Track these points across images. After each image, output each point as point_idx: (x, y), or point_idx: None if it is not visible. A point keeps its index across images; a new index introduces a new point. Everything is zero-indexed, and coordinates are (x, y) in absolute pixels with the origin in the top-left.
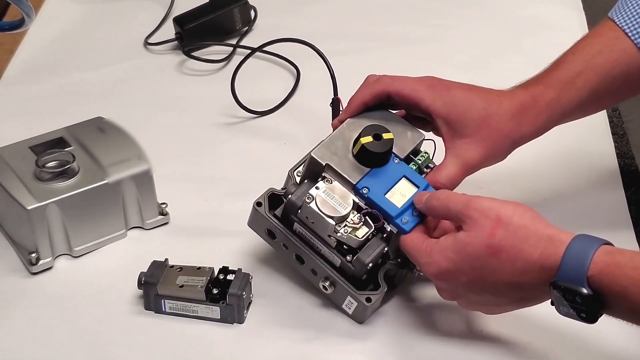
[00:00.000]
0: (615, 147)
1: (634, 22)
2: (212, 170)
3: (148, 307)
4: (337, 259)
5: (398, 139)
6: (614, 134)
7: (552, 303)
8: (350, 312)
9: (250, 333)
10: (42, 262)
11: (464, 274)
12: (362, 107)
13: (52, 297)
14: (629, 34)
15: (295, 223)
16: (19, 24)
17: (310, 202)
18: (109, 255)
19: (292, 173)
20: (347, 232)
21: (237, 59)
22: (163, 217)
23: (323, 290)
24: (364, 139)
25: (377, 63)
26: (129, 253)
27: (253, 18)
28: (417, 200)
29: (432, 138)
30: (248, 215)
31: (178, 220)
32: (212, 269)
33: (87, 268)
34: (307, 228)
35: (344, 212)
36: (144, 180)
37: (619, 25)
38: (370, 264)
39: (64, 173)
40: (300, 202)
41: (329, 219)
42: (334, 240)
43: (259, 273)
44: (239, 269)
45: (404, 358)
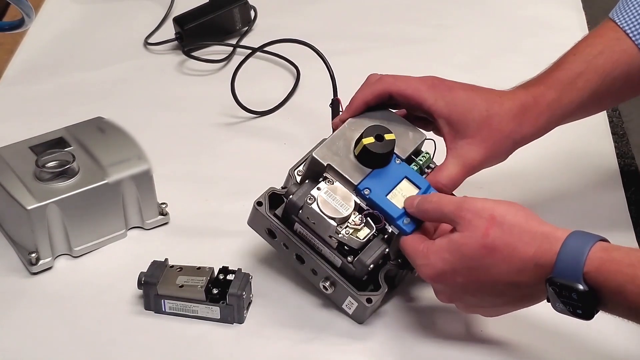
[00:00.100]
0: (615, 147)
1: (635, 22)
2: (212, 170)
3: (148, 307)
4: (338, 260)
5: (400, 140)
6: (614, 134)
7: (548, 300)
8: (350, 312)
9: (250, 333)
10: (42, 262)
11: (460, 275)
12: (363, 106)
13: (52, 297)
14: (630, 35)
15: (296, 223)
16: (19, 24)
17: (312, 202)
18: (109, 255)
19: (292, 172)
20: (348, 233)
21: (237, 59)
22: (163, 217)
23: (323, 290)
24: (366, 140)
25: (377, 63)
26: (129, 253)
27: (253, 18)
28: (408, 204)
29: (432, 138)
30: (248, 215)
31: (178, 220)
32: (212, 269)
33: (87, 268)
34: (308, 228)
35: (346, 213)
36: (144, 180)
37: (620, 26)
38: (371, 265)
39: (64, 173)
40: (302, 202)
41: (331, 220)
42: (335, 241)
43: (259, 273)
44: (239, 269)
45: (404, 358)
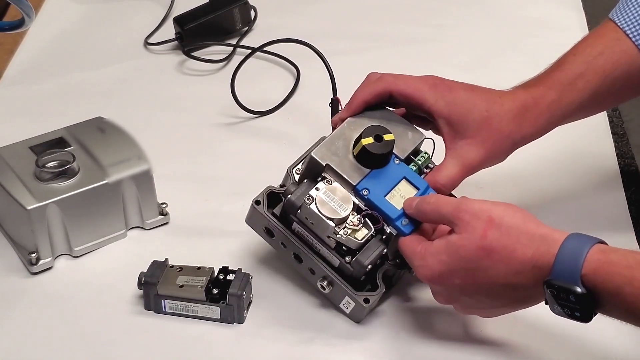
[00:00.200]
0: (615, 147)
1: (635, 23)
2: (212, 170)
3: (148, 307)
4: (335, 260)
5: (399, 140)
6: (614, 134)
7: (546, 302)
8: (348, 311)
9: (250, 333)
10: (42, 262)
11: (458, 277)
12: (363, 105)
13: (52, 297)
14: (630, 35)
15: (294, 222)
16: (19, 24)
17: (310, 203)
18: (109, 255)
19: (290, 171)
20: (346, 233)
21: (237, 59)
22: (163, 217)
23: (320, 290)
24: (365, 140)
25: (377, 63)
26: (129, 253)
27: (253, 18)
28: (407, 206)
29: (431, 137)
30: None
31: (178, 220)
32: (212, 269)
33: (87, 268)
34: (306, 228)
35: (344, 214)
36: (144, 180)
37: (620, 27)
38: (369, 266)
39: (64, 173)
40: (300, 202)
41: (329, 221)
42: (333, 242)
43: (259, 273)
44: (239, 269)
45: (403, 358)
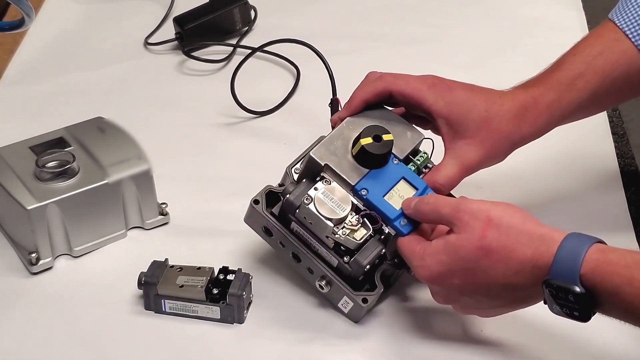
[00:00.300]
0: (615, 147)
1: (635, 23)
2: (212, 170)
3: (148, 307)
4: (334, 260)
5: (398, 140)
6: (614, 134)
7: (545, 302)
8: (346, 311)
9: (250, 333)
10: (42, 262)
11: (457, 277)
12: (362, 105)
13: (52, 297)
14: (629, 36)
15: (293, 222)
16: (19, 24)
17: (309, 203)
18: (109, 255)
19: (289, 170)
20: (345, 233)
21: (237, 59)
22: (163, 217)
23: (319, 289)
24: (364, 140)
25: (377, 63)
26: (129, 253)
27: (253, 18)
28: (405, 206)
29: (430, 137)
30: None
31: (178, 220)
32: (212, 269)
33: (87, 268)
34: (304, 228)
35: (343, 214)
36: (144, 180)
37: (620, 27)
38: (368, 266)
39: (64, 173)
40: (299, 202)
41: (327, 221)
42: (332, 242)
43: (259, 273)
44: (239, 269)
45: (402, 358)
